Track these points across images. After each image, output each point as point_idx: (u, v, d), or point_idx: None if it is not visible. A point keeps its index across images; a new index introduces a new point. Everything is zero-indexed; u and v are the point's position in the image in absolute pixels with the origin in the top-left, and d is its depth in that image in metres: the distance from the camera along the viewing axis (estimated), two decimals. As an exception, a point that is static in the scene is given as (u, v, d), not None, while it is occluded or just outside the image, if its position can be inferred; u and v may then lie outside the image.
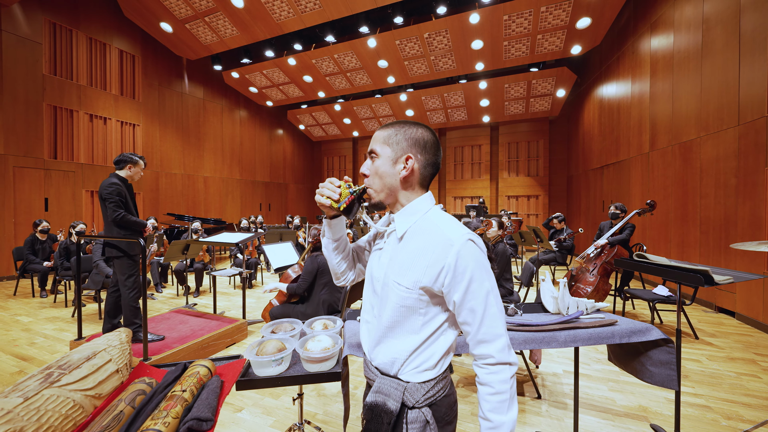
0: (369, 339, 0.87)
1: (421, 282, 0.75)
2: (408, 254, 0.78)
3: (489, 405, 0.72)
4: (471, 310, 0.73)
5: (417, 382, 0.77)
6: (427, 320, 0.77)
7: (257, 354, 1.21)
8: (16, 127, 6.13)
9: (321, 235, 0.96)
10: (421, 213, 0.82)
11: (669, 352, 1.47)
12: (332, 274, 0.99)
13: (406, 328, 0.78)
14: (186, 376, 0.93)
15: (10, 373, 2.61)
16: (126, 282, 2.74)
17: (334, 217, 0.89)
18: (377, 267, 0.87)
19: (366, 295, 0.91)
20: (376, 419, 0.75)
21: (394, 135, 0.82)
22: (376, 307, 0.84)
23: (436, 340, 0.78)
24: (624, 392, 2.32)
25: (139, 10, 7.43)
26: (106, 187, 2.68)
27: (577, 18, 6.54)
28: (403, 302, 0.77)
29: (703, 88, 4.33)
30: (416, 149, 0.81)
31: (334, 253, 0.94)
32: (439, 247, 0.74)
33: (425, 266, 0.75)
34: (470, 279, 0.72)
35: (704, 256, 4.30)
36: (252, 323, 3.71)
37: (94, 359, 0.88)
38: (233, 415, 2.08)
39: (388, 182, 0.82)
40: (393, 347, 0.79)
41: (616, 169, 6.75)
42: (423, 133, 0.82)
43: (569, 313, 1.68)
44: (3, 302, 4.64)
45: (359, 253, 1.01)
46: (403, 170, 0.81)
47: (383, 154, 0.82)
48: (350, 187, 0.84)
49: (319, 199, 0.83)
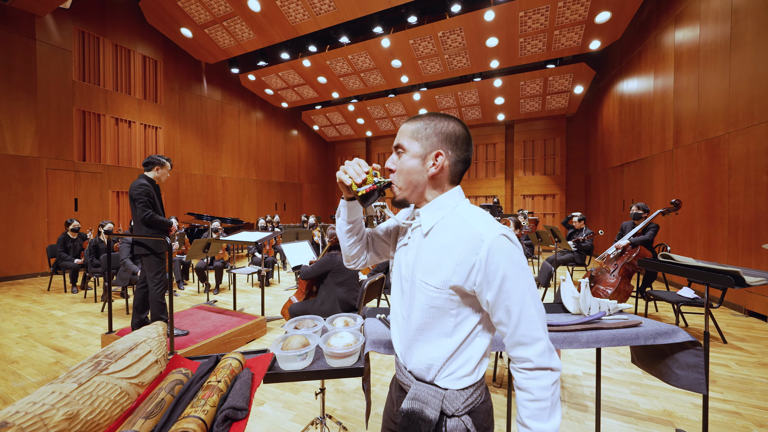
0: (400, 340, 0.83)
1: (451, 281, 0.70)
2: (435, 251, 0.74)
3: (527, 411, 0.67)
4: (506, 310, 0.68)
5: (456, 389, 0.73)
6: (459, 321, 0.72)
7: (282, 349, 1.26)
8: (49, 131, 6.46)
9: (336, 215, 0.94)
10: (449, 208, 0.76)
11: (696, 354, 1.44)
12: (343, 256, 0.96)
13: (438, 330, 0.73)
14: (219, 367, 0.97)
15: (48, 363, 2.77)
16: (153, 278, 2.86)
17: (351, 200, 0.85)
18: (405, 265, 0.82)
19: (394, 294, 0.87)
20: (413, 427, 0.71)
21: (423, 129, 0.76)
22: (405, 307, 0.80)
23: (471, 342, 0.73)
24: (647, 396, 2.27)
25: (161, 16, 7.70)
26: (136, 188, 2.80)
27: (596, 12, 6.38)
28: (432, 303, 0.72)
29: (731, 81, 4.15)
30: (447, 145, 0.76)
31: (347, 235, 0.90)
32: (468, 244, 0.69)
33: (454, 264, 0.70)
34: (503, 277, 0.67)
35: (732, 257, 4.13)
36: (270, 320, 3.80)
37: (136, 350, 0.93)
38: (255, 408, 2.14)
39: (414, 179, 0.77)
40: (427, 352, 0.75)
41: (637, 167, 6.55)
42: (455, 126, 0.77)
43: (591, 314, 1.66)
44: (38, 297, 4.91)
45: (375, 240, 0.96)
46: (432, 167, 0.75)
47: (411, 150, 0.77)
48: (376, 176, 0.79)
49: (341, 177, 0.79)
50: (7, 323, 3.76)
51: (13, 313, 4.11)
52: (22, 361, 2.82)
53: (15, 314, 4.08)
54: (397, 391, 0.85)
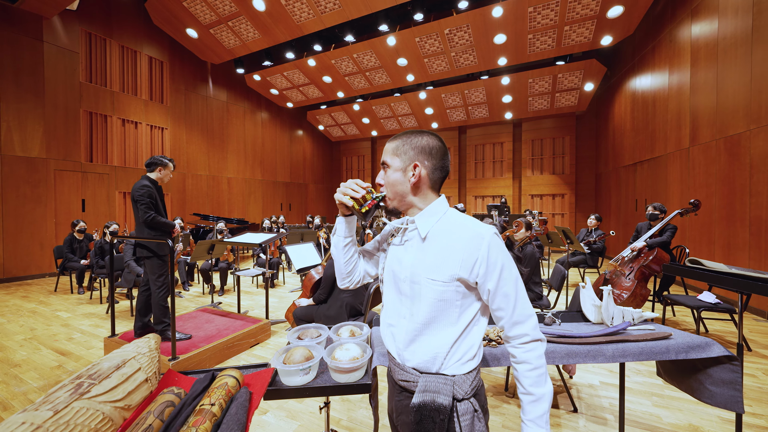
0: (399, 341, 0.87)
1: (458, 274, 0.79)
2: (438, 251, 0.82)
3: (529, 380, 0.78)
4: (505, 296, 0.79)
5: (462, 373, 0.80)
6: (462, 311, 0.81)
7: (284, 362, 1.17)
8: (56, 132, 6.50)
9: (332, 233, 0.97)
10: (440, 214, 0.87)
11: (733, 370, 1.32)
12: (338, 275, 1.01)
13: (444, 321, 0.81)
14: (214, 387, 0.89)
15: (50, 367, 2.74)
16: (156, 281, 2.81)
17: (348, 215, 0.93)
18: (399, 269, 0.88)
19: (389, 299, 0.92)
20: (428, 419, 0.75)
21: (402, 146, 0.87)
22: (407, 306, 0.86)
23: (472, 329, 0.82)
24: (670, 408, 2.14)
25: (167, 17, 7.70)
26: (138, 189, 2.75)
27: (608, 7, 6.20)
28: (440, 296, 0.80)
29: (753, 76, 3.97)
30: (422, 156, 0.86)
31: (344, 250, 0.97)
32: (470, 241, 0.79)
33: (460, 259, 0.79)
34: (501, 267, 0.78)
35: (755, 259, 3.95)
36: (275, 323, 3.73)
37: (123, 368, 0.86)
38: (258, 417, 2.07)
39: (399, 190, 0.87)
40: (431, 343, 0.81)
41: (650, 165, 6.35)
42: (428, 140, 0.87)
43: (614, 324, 1.55)
44: (45, 297, 4.92)
45: (365, 256, 1.04)
46: (412, 177, 0.86)
47: (393, 165, 0.87)
48: (372, 192, 0.89)
49: (341, 198, 0.87)
50: (13, 325, 3.75)
51: (20, 315, 4.11)
52: (24, 364, 2.79)
53: (21, 315, 4.08)
54: (398, 394, 0.88)
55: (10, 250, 5.93)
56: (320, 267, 3.12)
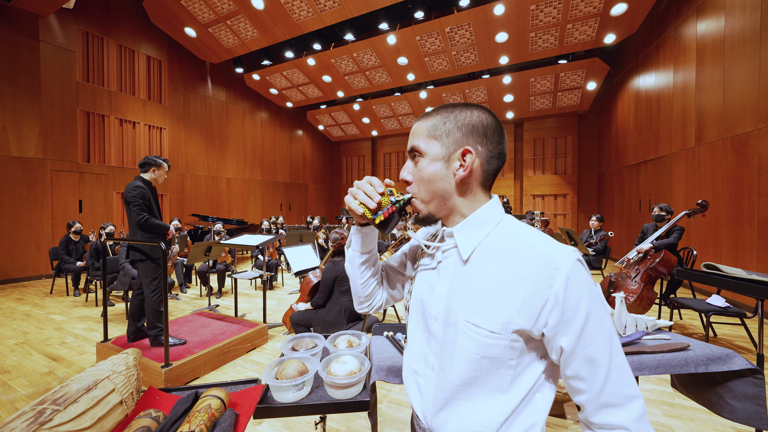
0: (425, 398, 0.63)
1: (514, 323, 0.53)
2: (485, 283, 0.56)
3: None
4: (589, 361, 0.51)
5: None
6: (518, 373, 0.55)
7: (276, 377, 1.09)
8: (53, 132, 6.42)
9: (346, 246, 0.77)
10: (493, 224, 0.60)
11: (757, 384, 1.24)
12: (355, 298, 0.78)
13: (490, 385, 0.55)
14: (195, 410, 0.81)
15: (41, 373, 2.66)
16: (150, 285, 2.73)
17: (365, 225, 0.70)
18: (430, 300, 0.64)
19: (414, 336, 0.68)
20: None
21: (442, 124, 0.61)
22: (437, 355, 0.61)
23: (532, 399, 0.56)
24: (682, 418, 2.06)
25: (165, 16, 7.63)
26: (131, 191, 2.67)
27: (611, 4, 6.11)
28: (486, 352, 0.55)
29: (762, 74, 3.88)
30: (474, 139, 0.60)
31: (361, 269, 0.74)
32: (537, 272, 0.53)
33: (519, 300, 0.53)
34: (587, 316, 0.51)
35: (764, 261, 3.86)
36: (272, 327, 3.65)
37: (94, 390, 0.77)
38: (252, 428, 1.99)
39: (439, 188, 0.61)
40: (473, 414, 0.57)
41: (655, 165, 6.26)
42: (480, 115, 0.61)
43: (628, 333, 1.47)
44: (40, 300, 4.85)
45: (389, 275, 0.80)
46: (460, 170, 0.59)
47: (430, 152, 0.61)
48: (392, 194, 0.64)
49: (351, 204, 0.63)
50: (5, 328, 3.68)
51: (13, 318, 4.04)
52: (14, 370, 2.71)
53: (14, 318, 4.01)
54: None
55: (6, 251, 5.86)
56: (318, 270, 3.04)
